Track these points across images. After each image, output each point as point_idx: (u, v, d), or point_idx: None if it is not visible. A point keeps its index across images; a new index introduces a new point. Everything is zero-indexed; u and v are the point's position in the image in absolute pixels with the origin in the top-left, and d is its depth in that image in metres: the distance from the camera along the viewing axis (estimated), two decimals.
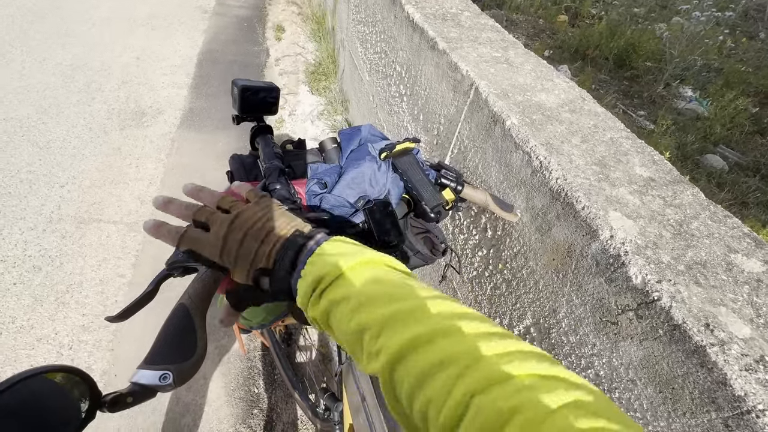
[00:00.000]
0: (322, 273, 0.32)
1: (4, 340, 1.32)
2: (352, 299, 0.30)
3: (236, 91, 0.57)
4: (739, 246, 0.55)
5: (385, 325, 0.28)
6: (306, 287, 0.32)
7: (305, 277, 0.33)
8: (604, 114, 0.81)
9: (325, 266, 0.32)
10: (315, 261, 0.33)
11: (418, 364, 0.26)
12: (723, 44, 3.30)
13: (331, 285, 0.32)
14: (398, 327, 0.28)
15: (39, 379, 0.31)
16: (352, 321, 0.30)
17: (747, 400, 0.40)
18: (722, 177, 2.19)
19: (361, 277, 0.32)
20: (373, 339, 0.29)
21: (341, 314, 0.31)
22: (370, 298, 0.30)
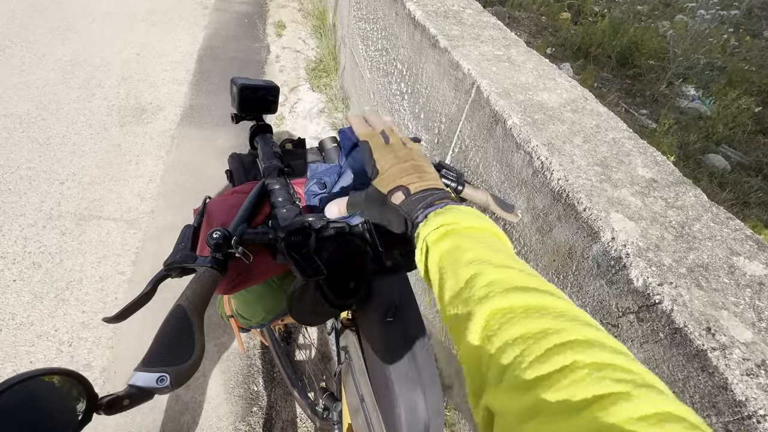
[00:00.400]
0: (453, 219, 0.37)
1: (4, 337, 1.32)
2: (469, 249, 0.33)
3: (235, 89, 0.57)
4: (741, 249, 0.55)
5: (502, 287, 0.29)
6: (435, 220, 0.37)
7: (438, 214, 0.37)
8: (607, 114, 0.80)
9: (458, 216, 0.37)
10: (450, 209, 0.38)
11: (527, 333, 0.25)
12: (727, 42, 3.28)
13: (454, 231, 0.36)
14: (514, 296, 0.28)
15: (37, 381, 0.31)
16: (462, 272, 0.32)
17: (748, 405, 0.40)
18: (724, 177, 2.19)
19: (480, 235, 0.36)
20: (479, 288, 0.29)
21: (457, 257, 0.33)
22: (485, 255, 0.33)
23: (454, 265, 0.33)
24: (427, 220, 0.37)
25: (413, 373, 0.49)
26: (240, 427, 1.22)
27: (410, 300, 0.54)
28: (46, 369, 0.31)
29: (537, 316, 0.26)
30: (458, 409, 1.16)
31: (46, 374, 0.31)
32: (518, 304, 0.28)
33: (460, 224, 0.36)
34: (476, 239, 0.35)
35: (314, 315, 0.55)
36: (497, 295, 0.28)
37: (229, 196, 0.55)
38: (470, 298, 0.29)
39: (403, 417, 0.47)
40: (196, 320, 0.39)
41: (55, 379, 0.32)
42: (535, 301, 0.28)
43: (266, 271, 0.53)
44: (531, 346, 0.24)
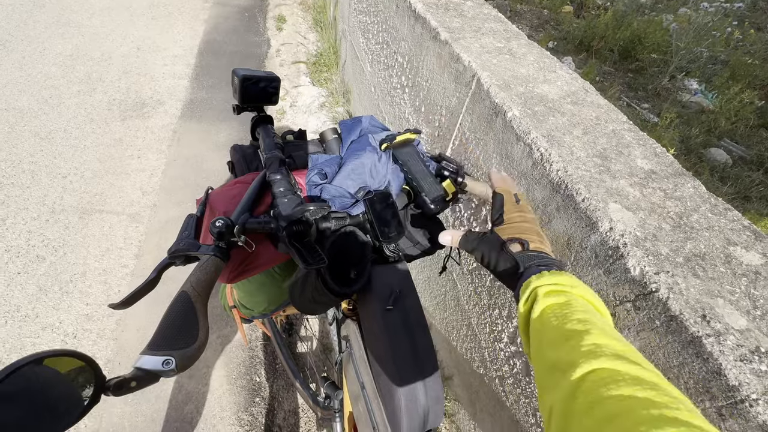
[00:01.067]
0: (568, 282, 0.40)
1: (9, 329, 1.34)
2: (577, 311, 0.36)
3: (237, 80, 0.57)
4: (738, 239, 0.55)
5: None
6: (551, 278, 0.40)
7: (553, 275, 0.41)
8: (607, 106, 0.80)
9: (572, 282, 0.41)
10: (563, 275, 0.42)
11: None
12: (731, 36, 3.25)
13: (566, 292, 0.39)
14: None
15: (48, 363, 0.31)
16: (569, 325, 0.34)
17: (741, 390, 0.41)
18: (725, 171, 2.18)
19: (587, 306, 0.38)
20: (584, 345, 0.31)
21: (564, 313, 0.36)
22: (590, 319, 0.35)
23: (562, 318, 0.35)
24: (541, 274, 0.41)
25: (413, 360, 0.50)
26: (243, 417, 1.24)
27: (410, 289, 0.54)
28: (57, 350, 0.32)
29: (648, 387, 0.26)
30: (458, 400, 1.17)
31: (57, 355, 0.32)
32: (627, 371, 0.28)
33: (572, 289, 0.39)
34: (584, 305, 0.38)
35: (316, 304, 0.56)
36: (606, 357, 0.29)
37: (231, 187, 0.56)
38: (577, 349, 0.31)
39: (403, 404, 0.48)
40: (200, 306, 0.40)
41: (65, 361, 0.32)
42: (645, 375, 0.28)
43: (268, 260, 0.54)
44: (638, 410, 0.25)
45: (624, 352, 0.30)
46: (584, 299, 0.39)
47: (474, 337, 1.01)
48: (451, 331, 1.17)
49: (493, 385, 0.93)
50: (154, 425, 1.19)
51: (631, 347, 0.32)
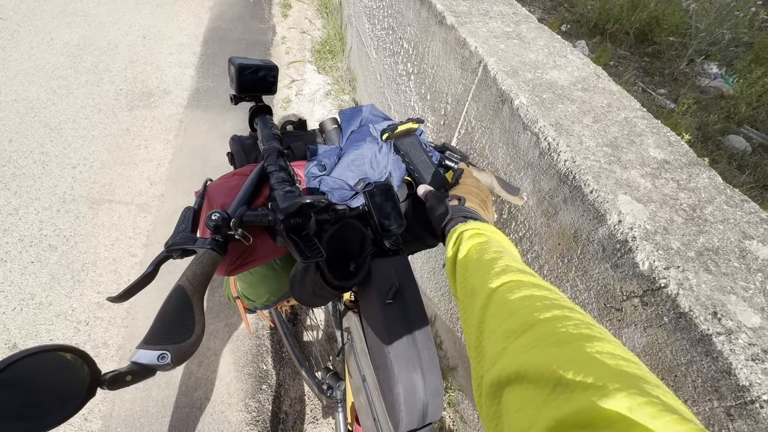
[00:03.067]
0: (480, 226, 0.47)
1: (25, 316, 1.38)
2: (492, 246, 0.43)
3: (233, 69, 0.56)
4: (755, 232, 0.53)
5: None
6: (475, 225, 0.47)
7: (469, 221, 0.48)
8: (620, 92, 0.77)
9: (491, 228, 0.47)
10: (488, 225, 0.48)
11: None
12: (755, 16, 3.09)
13: (482, 233, 0.45)
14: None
15: (42, 357, 0.32)
16: (487, 256, 0.41)
17: (751, 390, 0.39)
18: (744, 159, 2.10)
19: (505, 241, 0.46)
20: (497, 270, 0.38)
21: (483, 249, 0.42)
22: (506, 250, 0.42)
23: (482, 252, 0.42)
24: (467, 222, 0.48)
25: (412, 354, 0.49)
26: (250, 404, 1.26)
27: (411, 282, 0.53)
28: (50, 345, 0.32)
29: (544, 289, 0.34)
30: (462, 390, 1.17)
31: (51, 350, 0.32)
32: (529, 281, 0.35)
33: (492, 234, 0.46)
34: (501, 244, 0.45)
35: (316, 297, 0.55)
36: (513, 272, 0.37)
37: (229, 178, 0.55)
38: (490, 271, 0.38)
39: (401, 397, 0.48)
40: (196, 300, 0.39)
41: (59, 355, 0.33)
42: (542, 283, 0.36)
43: (267, 253, 0.53)
44: (534, 303, 0.32)
45: (527, 270, 0.38)
46: (498, 239, 0.46)
47: None
48: (455, 323, 1.16)
49: None
50: (164, 410, 1.22)
51: (533, 272, 0.39)
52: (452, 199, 0.53)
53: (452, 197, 0.53)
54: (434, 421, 0.52)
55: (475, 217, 0.50)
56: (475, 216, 0.50)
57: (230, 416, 1.23)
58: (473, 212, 0.51)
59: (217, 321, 1.41)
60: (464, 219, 0.49)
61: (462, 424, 1.18)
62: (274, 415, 1.26)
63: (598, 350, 0.25)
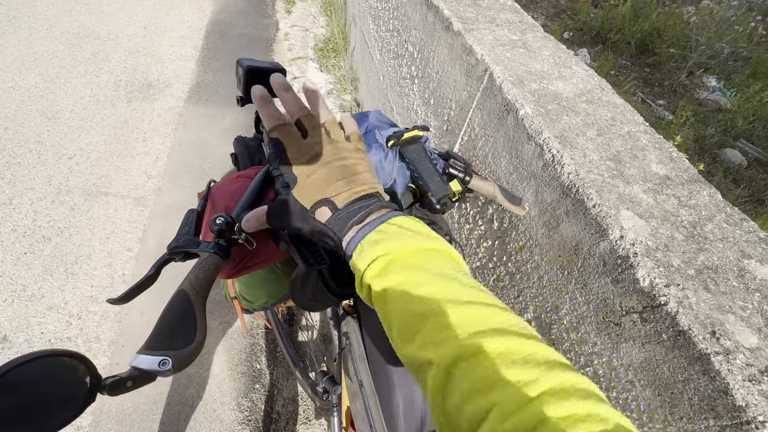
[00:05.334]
0: (394, 246, 0.30)
1: (16, 308, 1.36)
2: (420, 284, 0.29)
3: (241, 71, 0.55)
4: (753, 251, 0.54)
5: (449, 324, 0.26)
6: (371, 250, 0.30)
7: (373, 241, 0.31)
8: (623, 105, 0.77)
9: (399, 239, 0.31)
10: (387, 230, 0.31)
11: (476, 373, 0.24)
12: (754, 31, 3.13)
13: (397, 261, 0.30)
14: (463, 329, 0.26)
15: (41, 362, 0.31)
16: (415, 304, 0.28)
17: (748, 411, 0.40)
18: (740, 172, 2.13)
19: (429, 262, 0.30)
20: (437, 330, 0.26)
21: (403, 293, 0.29)
22: (440, 290, 0.28)
23: (403, 307, 0.28)
24: (361, 248, 0.31)
25: None
26: (243, 403, 1.26)
27: None
28: (51, 350, 0.31)
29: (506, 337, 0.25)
30: None
31: (52, 355, 0.31)
32: (491, 349, 0.25)
33: (402, 250, 0.30)
34: (423, 268, 0.29)
35: (316, 302, 0.55)
36: (453, 339, 0.26)
37: (233, 181, 0.55)
38: (428, 342, 0.27)
39: (401, 407, 0.48)
40: (198, 305, 0.39)
41: (60, 359, 0.32)
42: (498, 345, 0.25)
43: (269, 257, 0.53)
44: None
45: (468, 321, 0.26)
46: (417, 253, 0.31)
47: None
48: None
49: None
50: (155, 407, 1.21)
51: (475, 297, 0.28)
52: (316, 211, 0.35)
53: (315, 208, 0.36)
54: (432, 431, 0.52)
55: (366, 215, 0.33)
56: (365, 214, 0.33)
57: (222, 415, 1.23)
58: (356, 211, 0.34)
59: (212, 319, 1.40)
60: (356, 242, 0.33)
61: None
62: (266, 415, 1.25)
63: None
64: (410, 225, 0.32)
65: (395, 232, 0.31)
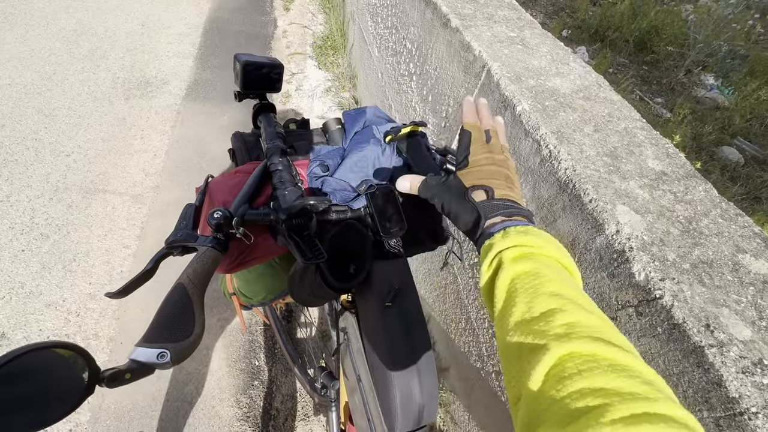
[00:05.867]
0: (536, 242, 0.35)
1: (14, 305, 1.36)
2: (552, 279, 0.32)
3: (239, 66, 0.56)
4: (748, 246, 0.54)
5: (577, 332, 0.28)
6: (517, 237, 0.35)
7: (520, 232, 0.36)
8: (620, 102, 0.78)
9: (541, 239, 0.36)
10: (533, 231, 0.37)
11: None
12: (752, 29, 3.14)
13: (535, 255, 0.34)
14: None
15: (41, 354, 0.31)
16: (544, 294, 0.31)
17: (741, 402, 0.40)
18: (736, 170, 2.14)
19: (559, 268, 0.35)
20: (559, 325, 0.28)
21: (535, 279, 0.32)
22: (567, 291, 0.31)
23: (531, 291, 0.31)
24: (506, 233, 0.36)
25: (409, 357, 0.49)
26: (241, 399, 1.26)
27: (410, 285, 0.54)
28: (50, 342, 0.31)
29: (624, 376, 0.25)
30: (454, 391, 1.18)
31: (50, 347, 0.31)
32: (603, 356, 0.26)
33: (541, 250, 0.35)
34: (556, 271, 0.33)
35: (314, 297, 0.55)
36: (580, 338, 0.27)
37: (231, 176, 0.55)
38: (546, 331, 0.28)
39: (398, 400, 0.48)
40: (197, 298, 0.39)
41: (58, 352, 0.32)
42: (621, 358, 0.26)
43: (267, 252, 0.53)
44: (616, 404, 0.23)
45: (599, 331, 0.28)
46: (555, 260, 0.35)
47: (472, 331, 1.01)
48: (449, 324, 1.17)
49: (489, 379, 0.93)
50: (154, 403, 1.21)
51: (606, 321, 0.30)
52: (476, 190, 0.40)
53: (475, 189, 0.41)
54: (429, 424, 0.52)
55: (516, 213, 0.39)
56: (515, 212, 0.39)
57: (221, 411, 1.23)
58: (511, 205, 0.39)
59: (211, 316, 1.40)
60: (502, 226, 0.37)
61: (452, 425, 1.20)
62: (265, 412, 1.26)
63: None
64: (548, 238, 0.37)
65: (539, 234, 0.37)
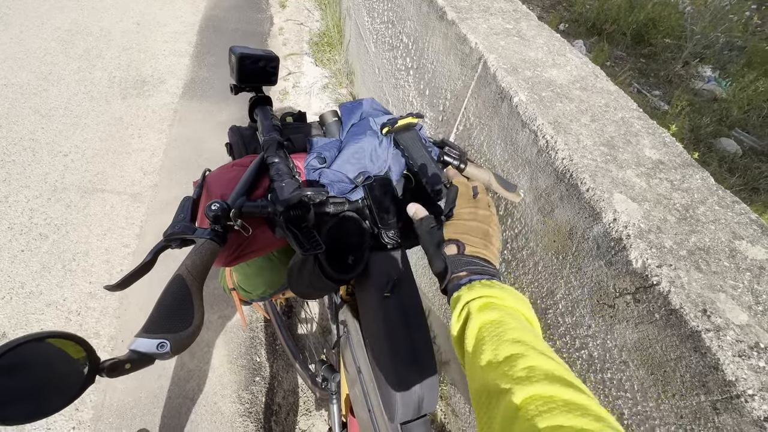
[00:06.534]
0: (499, 295, 0.39)
1: (15, 305, 1.36)
2: (513, 328, 0.36)
3: (234, 59, 0.56)
4: (744, 233, 0.54)
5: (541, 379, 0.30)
6: (482, 290, 0.39)
7: (485, 285, 0.40)
8: (617, 92, 0.78)
9: (504, 293, 0.40)
10: (496, 284, 0.41)
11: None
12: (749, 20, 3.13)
13: (499, 305, 0.38)
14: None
15: (42, 344, 0.31)
16: (507, 341, 0.34)
17: (737, 385, 0.40)
18: (735, 161, 2.14)
19: (520, 318, 0.39)
20: (520, 369, 0.31)
21: (498, 327, 0.36)
22: (526, 337, 0.35)
23: (497, 338, 0.34)
24: (472, 285, 0.40)
25: (409, 348, 0.50)
26: (243, 396, 1.27)
27: (408, 276, 0.54)
28: (50, 332, 0.32)
29: (579, 414, 0.27)
30: (454, 384, 1.19)
31: (50, 337, 0.32)
32: (560, 397, 0.29)
33: (503, 301, 0.38)
34: (517, 320, 0.37)
35: (313, 289, 0.56)
36: (539, 382, 0.30)
37: (228, 169, 0.55)
38: (511, 375, 0.31)
39: (398, 390, 0.48)
40: (195, 290, 0.40)
41: (59, 342, 0.33)
42: (576, 398, 0.29)
43: (266, 244, 0.53)
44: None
45: (556, 373, 0.31)
46: (516, 310, 0.39)
47: None
48: (449, 318, 1.17)
49: None
50: (156, 401, 1.22)
51: (562, 365, 0.33)
52: (449, 245, 0.45)
53: (449, 242, 0.45)
54: (428, 414, 0.53)
55: (481, 271, 0.43)
56: (480, 270, 0.43)
57: (223, 408, 1.23)
58: (476, 263, 0.43)
59: (211, 313, 1.41)
60: (468, 279, 0.41)
61: (453, 417, 1.20)
62: (267, 407, 1.26)
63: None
64: (510, 291, 0.41)
65: (502, 288, 0.40)
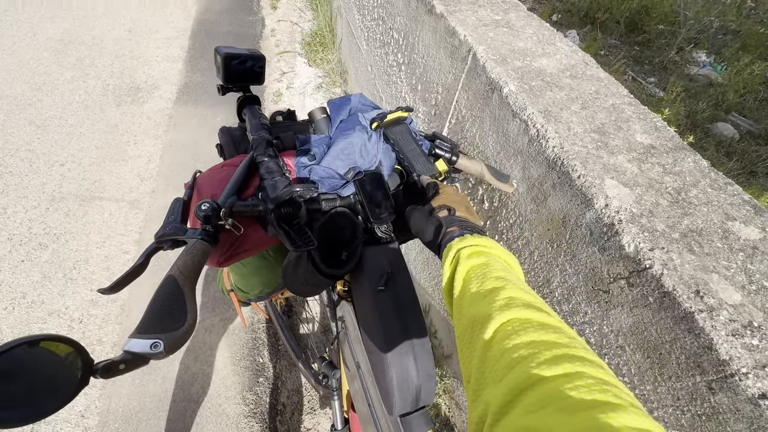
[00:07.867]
0: (487, 244, 0.43)
1: (17, 315, 1.36)
2: (497, 269, 0.39)
3: (219, 59, 0.56)
4: (737, 213, 0.54)
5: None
6: (473, 240, 0.43)
7: (475, 237, 0.44)
8: (607, 79, 0.77)
9: (490, 243, 0.44)
10: (484, 237, 0.45)
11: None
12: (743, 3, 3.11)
13: (486, 252, 0.42)
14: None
15: (35, 347, 0.32)
16: (490, 278, 0.37)
17: (731, 364, 0.40)
18: (732, 146, 2.13)
19: (503, 263, 0.42)
20: (501, 300, 0.34)
21: (485, 268, 0.39)
22: (508, 277, 0.38)
23: (482, 277, 0.38)
24: (464, 237, 0.44)
25: (404, 339, 0.50)
26: (247, 397, 1.27)
27: (402, 270, 0.54)
28: (41, 335, 0.32)
29: (551, 331, 0.30)
30: (457, 377, 1.19)
31: (42, 340, 0.32)
32: (535, 319, 0.31)
33: (491, 250, 0.43)
34: (502, 264, 0.41)
35: (309, 286, 0.56)
36: (517, 307, 0.33)
37: (218, 170, 0.55)
38: (492, 304, 0.34)
39: (395, 381, 0.48)
40: (188, 289, 0.40)
41: (51, 345, 0.33)
42: (550, 321, 0.32)
43: (258, 243, 0.53)
44: (542, 351, 0.28)
45: (533, 303, 0.34)
46: (501, 258, 0.42)
47: None
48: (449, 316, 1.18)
49: None
50: (161, 404, 1.22)
51: (538, 299, 0.36)
52: (441, 210, 0.50)
53: (440, 208, 0.50)
54: (428, 405, 0.53)
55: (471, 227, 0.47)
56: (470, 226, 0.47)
57: (228, 409, 1.24)
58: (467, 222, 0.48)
59: (213, 316, 1.41)
60: (460, 233, 0.45)
61: (457, 410, 1.21)
62: (271, 407, 1.27)
63: (613, 424, 0.21)
64: (497, 244, 0.45)
65: (490, 240, 0.45)
